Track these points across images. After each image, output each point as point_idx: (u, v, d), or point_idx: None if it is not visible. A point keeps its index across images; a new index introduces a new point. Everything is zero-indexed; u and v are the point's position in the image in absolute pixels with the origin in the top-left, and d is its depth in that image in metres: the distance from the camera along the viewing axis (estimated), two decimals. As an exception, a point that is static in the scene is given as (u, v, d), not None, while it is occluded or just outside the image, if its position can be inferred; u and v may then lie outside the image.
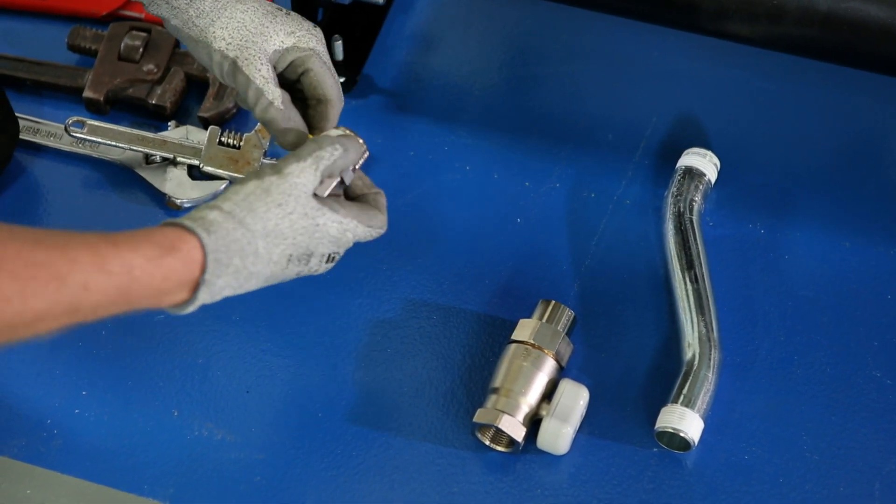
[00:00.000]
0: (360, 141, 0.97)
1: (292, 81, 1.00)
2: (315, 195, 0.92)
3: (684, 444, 1.01)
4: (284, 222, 0.90)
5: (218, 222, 0.87)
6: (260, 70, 0.97)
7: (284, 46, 0.98)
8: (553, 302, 1.04)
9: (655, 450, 1.02)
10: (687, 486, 1.01)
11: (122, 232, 0.85)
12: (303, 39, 0.99)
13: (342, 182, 0.95)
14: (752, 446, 1.02)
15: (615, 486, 1.01)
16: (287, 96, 0.98)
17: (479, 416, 1.00)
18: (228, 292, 0.89)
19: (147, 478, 1.02)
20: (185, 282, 0.86)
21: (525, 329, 1.03)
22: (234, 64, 0.97)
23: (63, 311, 0.80)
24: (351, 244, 0.96)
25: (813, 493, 1.00)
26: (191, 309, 0.88)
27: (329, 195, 0.94)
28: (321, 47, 1.00)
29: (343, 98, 1.00)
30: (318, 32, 1.00)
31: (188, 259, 0.85)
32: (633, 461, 1.02)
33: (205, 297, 0.87)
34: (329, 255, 0.95)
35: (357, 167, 0.97)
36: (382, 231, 0.97)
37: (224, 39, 0.97)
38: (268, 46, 0.97)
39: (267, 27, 0.98)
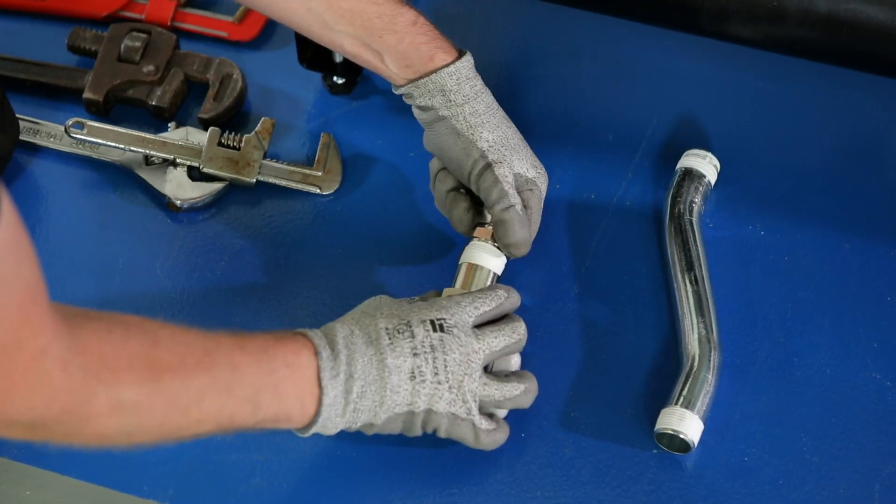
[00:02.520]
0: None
1: None
2: None
3: (684, 446, 1.01)
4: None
5: None
6: (507, 177, 1.03)
7: (527, 175, 1.05)
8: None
9: (655, 451, 1.02)
10: (686, 488, 1.01)
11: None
12: (539, 178, 1.07)
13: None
14: (751, 448, 1.02)
15: (614, 487, 1.01)
16: (520, 202, 1.05)
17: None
18: None
19: (147, 479, 1.02)
20: None
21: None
22: (488, 165, 1.03)
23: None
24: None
25: (813, 494, 1.00)
26: None
27: None
28: (545, 190, 1.08)
29: (531, 241, 1.06)
30: (547, 178, 1.08)
31: None
32: (632, 462, 1.02)
33: None
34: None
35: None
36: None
37: (488, 142, 1.03)
38: (517, 164, 1.05)
39: (522, 149, 1.06)
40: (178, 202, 1.15)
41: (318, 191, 1.16)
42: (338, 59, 1.19)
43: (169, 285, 1.11)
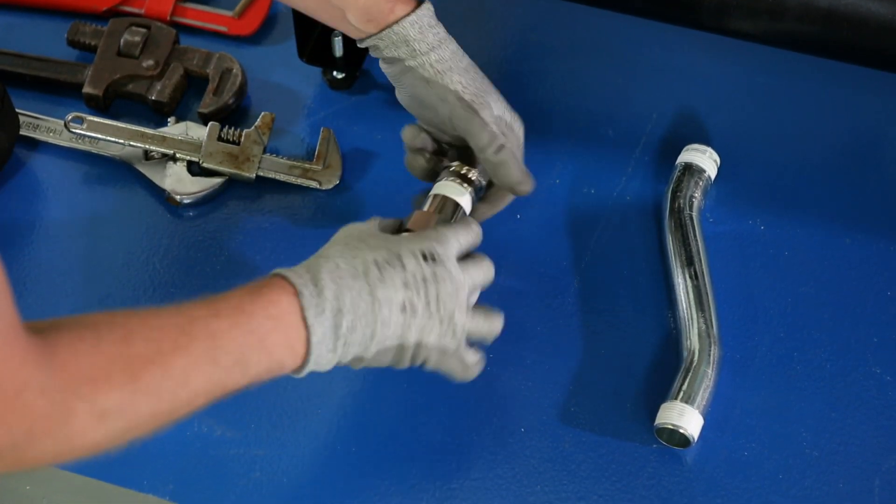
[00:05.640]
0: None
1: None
2: None
3: (684, 441, 1.01)
4: None
5: None
6: (491, 118, 1.02)
7: (504, 118, 1.04)
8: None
9: (655, 446, 1.02)
10: (686, 483, 1.01)
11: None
12: (516, 122, 1.05)
13: None
14: (751, 442, 1.02)
15: (614, 482, 1.01)
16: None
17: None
18: None
19: (146, 474, 1.02)
20: None
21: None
22: (469, 105, 1.01)
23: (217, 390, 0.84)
24: None
25: (812, 489, 1.00)
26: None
27: None
28: (522, 135, 1.06)
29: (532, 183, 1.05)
30: (522, 122, 1.06)
31: None
32: (632, 457, 1.02)
33: None
34: None
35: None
36: None
37: (461, 84, 1.02)
38: (494, 105, 1.03)
39: (494, 94, 1.04)
40: (178, 197, 1.15)
41: (318, 185, 1.16)
42: (338, 53, 1.19)
43: (168, 280, 1.11)
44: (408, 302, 0.91)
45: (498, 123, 1.03)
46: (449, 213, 1.02)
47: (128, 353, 0.78)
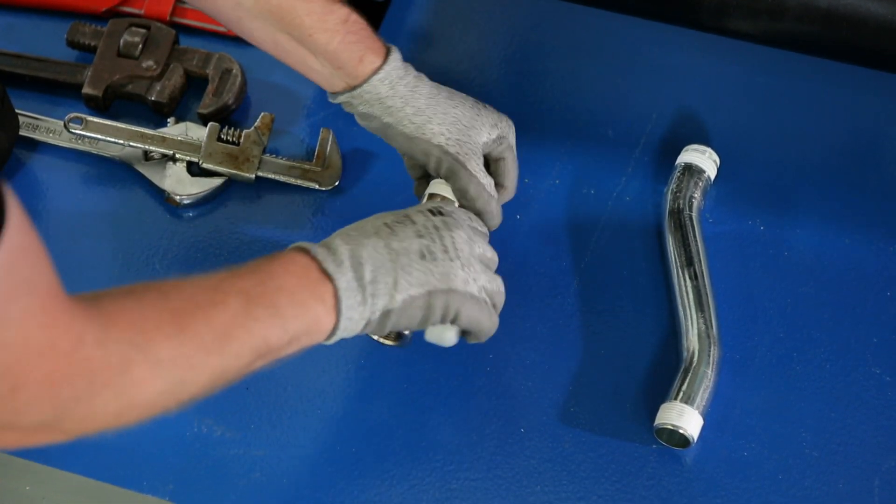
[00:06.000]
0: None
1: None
2: None
3: (683, 441, 1.01)
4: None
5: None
6: (479, 164, 1.02)
7: (491, 138, 1.03)
8: None
9: (655, 446, 1.02)
10: (686, 483, 1.01)
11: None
12: (504, 130, 1.04)
13: None
14: (751, 443, 1.02)
15: (614, 482, 1.01)
16: (492, 181, 1.03)
17: None
18: None
19: (146, 474, 1.02)
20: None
21: None
22: (456, 160, 1.00)
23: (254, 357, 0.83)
24: None
25: (812, 489, 1.00)
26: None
27: None
28: (513, 138, 1.05)
29: (516, 189, 1.06)
30: (512, 124, 1.06)
31: None
32: (632, 457, 1.02)
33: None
34: None
35: None
36: None
37: (443, 135, 1.00)
38: (479, 139, 1.02)
39: (475, 120, 1.02)
40: (178, 197, 1.15)
41: (318, 186, 1.16)
42: (337, 54, 1.19)
43: (168, 280, 1.11)
44: (425, 249, 0.91)
45: (485, 149, 1.02)
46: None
47: (170, 307, 0.79)
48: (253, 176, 1.15)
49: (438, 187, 1.03)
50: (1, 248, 0.65)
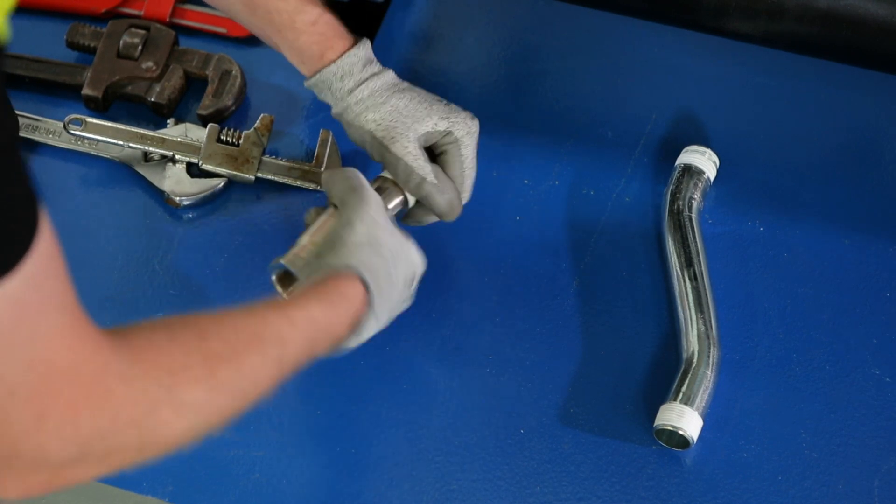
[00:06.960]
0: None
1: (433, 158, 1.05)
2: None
3: (683, 442, 1.01)
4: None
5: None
6: (407, 147, 1.02)
7: (437, 129, 1.03)
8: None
9: (654, 447, 1.02)
10: (686, 484, 1.01)
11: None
12: (456, 125, 1.04)
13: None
14: (751, 444, 1.02)
15: (614, 483, 1.01)
16: (439, 169, 1.03)
17: None
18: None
19: (146, 475, 1.02)
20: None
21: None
22: (381, 143, 1.02)
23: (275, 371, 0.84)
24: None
25: (812, 490, 1.00)
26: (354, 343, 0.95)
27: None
28: (470, 140, 1.05)
29: (471, 194, 1.07)
30: (475, 125, 1.05)
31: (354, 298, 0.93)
32: (632, 458, 1.02)
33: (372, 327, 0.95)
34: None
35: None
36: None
37: (375, 122, 1.02)
38: (418, 127, 1.02)
39: (420, 112, 1.03)
40: (177, 198, 1.15)
41: (318, 187, 1.16)
42: (337, 55, 1.19)
43: (168, 281, 1.11)
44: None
45: (428, 139, 1.03)
46: (389, 192, 1.04)
47: (204, 348, 0.78)
48: (252, 177, 1.15)
49: (386, 171, 1.06)
50: (32, 261, 0.64)
